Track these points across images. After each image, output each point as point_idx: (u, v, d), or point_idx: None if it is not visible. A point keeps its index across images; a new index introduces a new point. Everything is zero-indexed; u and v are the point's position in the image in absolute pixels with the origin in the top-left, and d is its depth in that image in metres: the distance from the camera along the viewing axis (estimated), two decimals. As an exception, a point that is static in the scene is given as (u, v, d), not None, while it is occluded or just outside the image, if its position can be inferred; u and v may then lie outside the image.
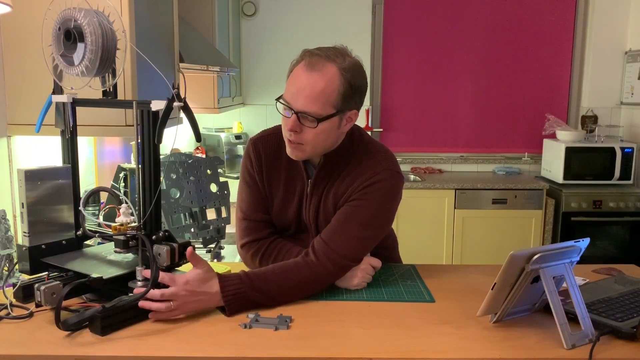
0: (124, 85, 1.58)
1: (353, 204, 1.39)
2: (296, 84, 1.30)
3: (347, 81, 1.30)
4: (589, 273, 1.53)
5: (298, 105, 1.29)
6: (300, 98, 1.29)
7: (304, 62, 1.30)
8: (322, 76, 1.28)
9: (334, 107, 1.30)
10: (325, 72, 1.28)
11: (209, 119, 4.06)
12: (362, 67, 1.36)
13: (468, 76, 4.25)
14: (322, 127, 1.31)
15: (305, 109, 1.29)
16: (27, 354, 1.04)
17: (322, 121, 1.30)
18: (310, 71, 1.28)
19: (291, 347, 1.07)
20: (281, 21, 4.11)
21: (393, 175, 1.41)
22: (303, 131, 1.32)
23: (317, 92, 1.28)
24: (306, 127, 1.31)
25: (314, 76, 1.28)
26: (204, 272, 1.21)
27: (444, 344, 1.09)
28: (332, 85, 1.28)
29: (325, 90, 1.28)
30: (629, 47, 4.10)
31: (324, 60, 1.29)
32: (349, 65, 1.31)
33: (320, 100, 1.28)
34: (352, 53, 1.36)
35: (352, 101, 1.33)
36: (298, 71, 1.31)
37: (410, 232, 3.73)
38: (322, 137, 1.33)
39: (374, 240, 1.42)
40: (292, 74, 1.32)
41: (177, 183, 1.97)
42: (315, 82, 1.28)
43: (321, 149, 1.38)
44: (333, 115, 1.31)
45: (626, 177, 3.81)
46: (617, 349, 1.08)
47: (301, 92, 1.29)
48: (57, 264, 1.25)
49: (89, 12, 1.22)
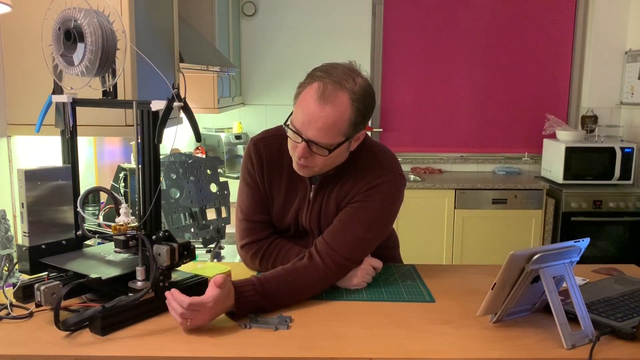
0: (124, 85, 1.58)
1: (355, 206, 1.39)
2: (307, 114, 1.26)
3: (358, 109, 1.28)
4: (589, 273, 1.53)
5: (309, 134, 1.27)
6: (312, 129, 1.26)
7: (315, 90, 1.26)
8: (334, 108, 1.25)
9: (344, 135, 1.29)
10: (337, 104, 1.25)
11: (209, 119, 4.06)
12: (372, 87, 1.33)
13: (468, 76, 4.25)
14: (332, 154, 1.31)
15: (316, 140, 1.27)
16: (27, 354, 1.04)
17: (332, 150, 1.29)
18: (323, 103, 1.25)
19: (291, 347, 1.07)
20: (281, 21, 4.11)
21: (396, 177, 1.41)
22: (313, 157, 1.31)
23: (329, 125, 1.25)
24: (316, 153, 1.30)
25: (327, 109, 1.24)
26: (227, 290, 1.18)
27: (444, 344, 1.09)
28: (344, 116, 1.26)
29: (337, 121, 1.26)
30: (629, 47, 4.10)
31: (336, 90, 1.25)
32: (360, 90, 1.28)
33: (332, 132, 1.27)
34: (361, 70, 1.33)
35: (362, 125, 1.32)
36: (309, 100, 1.26)
37: (410, 232, 3.73)
38: (331, 161, 1.34)
39: (375, 242, 1.42)
40: (302, 100, 1.28)
41: (177, 183, 1.97)
42: (328, 116, 1.25)
43: (330, 168, 1.39)
44: (343, 142, 1.30)
45: (626, 177, 3.81)
46: (617, 349, 1.08)
47: (313, 123, 1.26)
48: (57, 264, 1.25)
49: (89, 12, 1.22)
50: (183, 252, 1.23)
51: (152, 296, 1.19)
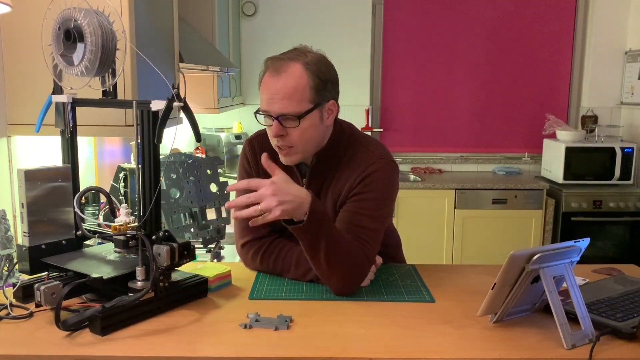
0: (124, 85, 1.58)
1: (356, 199, 1.39)
2: (268, 91, 1.34)
3: (315, 74, 1.33)
4: (589, 273, 1.53)
5: (275, 109, 1.33)
6: (276, 103, 1.33)
7: (269, 70, 1.35)
8: (289, 75, 1.32)
9: (310, 101, 1.33)
10: (291, 72, 1.32)
11: (209, 119, 4.05)
12: (327, 58, 1.39)
13: (468, 76, 4.25)
14: (305, 124, 1.34)
15: (283, 111, 1.32)
16: (27, 354, 1.04)
17: (302, 118, 1.32)
18: (277, 75, 1.33)
19: (291, 347, 1.07)
20: (281, 21, 4.11)
21: (388, 163, 1.42)
22: (288, 134, 1.35)
23: (289, 91, 1.31)
24: (289, 128, 1.34)
25: (282, 78, 1.32)
26: (286, 177, 1.25)
27: (444, 344, 1.09)
28: (301, 81, 1.32)
29: (297, 87, 1.32)
30: (629, 47, 4.10)
31: (286, 62, 1.33)
32: (312, 59, 1.35)
33: (294, 99, 1.32)
34: (313, 49, 1.39)
35: (326, 92, 1.36)
36: (266, 79, 1.35)
37: (410, 232, 3.73)
38: (308, 135, 1.35)
39: (382, 232, 1.43)
40: (262, 84, 1.37)
41: (177, 183, 1.97)
42: (285, 83, 1.32)
43: (312, 147, 1.39)
44: (311, 110, 1.33)
45: (626, 177, 3.81)
46: (617, 349, 1.08)
47: (274, 96, 1.33)
48: (57, 264, 1.25)
49: (89, 12, 1.22)
50: (183, 252, 1.23)
51: (152, 296, 1.19)
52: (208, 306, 1.26)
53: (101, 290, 1.19)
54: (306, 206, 1.24)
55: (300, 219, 1.24)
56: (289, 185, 1.24)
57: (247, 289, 1.37)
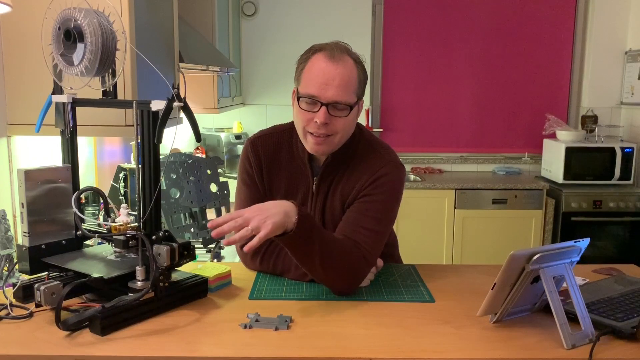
0: (124, 85, 1.58)
1: (363, 200, 1.40)
2: (323, 75, 1.33)
3: (361, 70, 1.39)
4: (589, 273, 1.53)
5: (329, 95, 1.33)
6: (331, 89, 1.32)
7: (323, 55, 1.34)
8: (345, 66, 1.34)
9: (356, 95, 1.37)
10: (346, 63, 1.35)
11: (209, 119, 4.06)
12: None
13: (468, 76, 4.25)
14: (352, 116, 1.38)
15: (337, 99, 1.33)
16: (27, 354, 1.04)
17: (352, 109, 1.36)
18: (335, 63, 1.33)
19: (291, 347, 1.07)
20: (281, 21, 4.11)
21: (397, 167, 1.44)
22: (332, 122, 1.35)
23: (345, 80, 1.33)
24: (336, 117, 1.35)
25: (340, 67, 1.33)
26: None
27: (444, 344, 1.09)
28: (353, 74, 1.36)
29: (351, 79, 1.35)
30: (629, 47, 4.10)
31: (341, 52, 1.36)
32: (357, 57, 1.40)
33: (349, 89, 1.34)
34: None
35: (363, 90, 1.41)
36: (321, 64, 1.34)
37: (410, 232, 3.73)
38: (349, 126, 1.39)
39: (386, 235, 1.43)
40: (312, 68, 1.35)
41: (177, 183, 1.97)
42: (342, 72, 1.33)
43: (344, 140, 1.42)
44: (356, 103, 1.38)
45: (626, 177, 3.81)
46: (617, 349, 1.08)
47: (331, 82, 1.32)
48: (58, 263, 1.25)
49: (89, 13, 1.22)
50: (183, 252, 1.23)
51: (152, 296, 1.19)
52: (208, 306, 1.26)
53: (102, 290, 1.19)
54: (293, 213, 1.22)
55: (291, 229, 1.22)
56: (268, 204, 1.24)
57: (247, 289, 1.37)
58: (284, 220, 1.21)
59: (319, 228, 1.29)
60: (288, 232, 1.22)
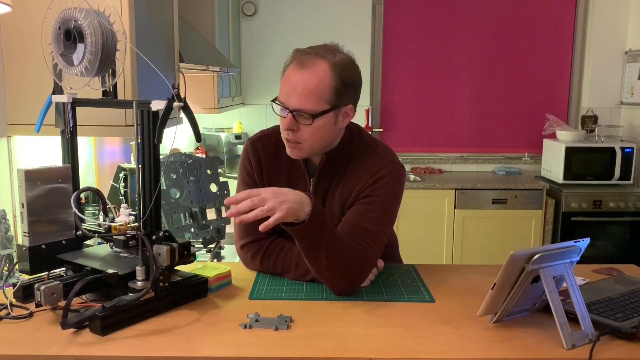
0: (124, 85, 1.58)
1: (364, 201, 1.39)
2: (289, 83, 1.32)
3: (339, 76, 1.31)
4: (589, 273, 1.53)
5: (292, 103, 1.31)
6: (294, 96, 1.31)
7: (295, 61, 1.33)
8: (313, 73, 1.30)
9: (328, 103, 1.32)
10: (316, 69, 1.30)
11: (209, 119, 4.06)
12: (354, 62, 1.37)
13: (468, 76, 4.25)
14: (318, 124, 1.32)
15: (299, 107, 1.31)
16: (27, 354, 1.04)
17: (317, 117, 1.31)
18: (302, 69, 1.31)
19: (291, 347, 1.07)
20: (281, 21, 4.11)
21: (397, 168, 1.43)
22: (300, 129, 1.34)
23: (309, 89, 1.30)
24: (302, 124, 1.33)
25: (306, 74, 1.30)
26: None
27: (444, 344, 1.09)
28: (324, 81, 1.30)
29: (318, 86, 1.30)
30: (629, 47, 4.10)
31: (314, 58, 1.31)
32: (340, 60, 1.33)
33: (313, 97, 1.30)
34: (343, 49, 1.38)
35: (346, 96, 1.35)
36: (290, 71, 1.33)
37: (410, 232, 3.73)
38: (319, 134, 1.34)
39: (387, 235, 1.43)
40: (285, 74, 1.34)
41: (177, 183, 1.97)
42: (308, 80, 1.30)
43: (320, 147, 1.38)
44: (328, 111, 1.32)
45: (626, 177, 3.81)
46: (617, 349, 1.08)
47: (294, 90, 1.31)
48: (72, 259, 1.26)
49: (89, 13, 1.22)
50: (183, 252, 1.23)
51: (152, 296, 1.19)
52: (208, 306, 1.26)
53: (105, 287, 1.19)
54: (307, 204, 1.24)
55: (302, 220, 1.24)
56: (285, 189, 1.25)
57: (247, 289, 1.37)
58: (298, 208, 1.22)
59: (329, 223, 1.29)
60: (299, 223, 1.24)
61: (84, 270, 1.24)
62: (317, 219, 1.25)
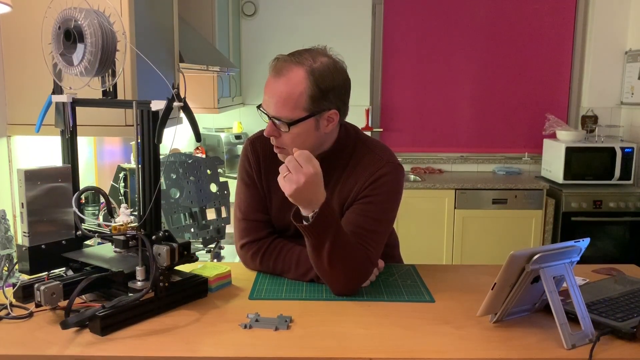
0: (124, 85, 1.58)
1: (363, 202, 1.39)
2: (267, 91, 1.33)
3: (315, 83, 1.29)
4: (589, 273, 1.53)
5: (270, 111, 1.33)
6: (271, 104, 1.32)
7: (272, 69, 1.33)
8: (287, 81, 1.29)
9: (305, 110, 1.31)
10: (290, 77, 1.29)
11: (209, 119, 4.06)
12: (337, 66, 1.34)
13: (468, 76, 4.25)
14: (296, 131, 1.32)
15: (276, 115, 1.32)
16: (27, 354, 1.04)
17: (293, 125, 1.31)
18: (278, 77, 1.30)
19: (291, 347, 1.07)
20: (281, 21, 4.11)
21: (396, 167, 1.43)
22: (281, 135, 1.35)
23: (283, 97, 1.29)
24: (282, 131, 1.34)
25: (280, 82, 1.30)
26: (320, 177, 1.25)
27: (444, 344, 1.09)
28: (298, 89, 1.29)
29: (292, 95, 1.29)
30: (629, 47, 4.10)
31: (290, 65, 1.30)
32: (319, 66, 1.30)
33: (289, 105, 1.30)
34: (331, 52, 1.36)
35: (326, 102, 1.32)
36: (269, 78, 1.33)
37: (410, 232, 3.73)
38: (299, 140, 1.34)
39: (387, 235, 1.43)
40: (266, 81, 1.35)
41: (177, 183, 1.97)
42: (282, 88, 1.29)
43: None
44: (304, 118, 1.31)
45: (626, 177, 3.81)
46: (617, 349, 1.08)
47: (271, 98, 1.32)
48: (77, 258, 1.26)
49: (89, 13, 1.22)
50: (183, 252, 1.23)
51: (152, 296, 1.19)
52: (208, 306, 1.26)
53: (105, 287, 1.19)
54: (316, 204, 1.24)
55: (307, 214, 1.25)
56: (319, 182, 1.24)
57: (247, 289, 1.37)
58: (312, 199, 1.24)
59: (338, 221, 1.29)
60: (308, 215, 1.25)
61: (85, 270, 1.24)
62: (326, 213, 1.25)
